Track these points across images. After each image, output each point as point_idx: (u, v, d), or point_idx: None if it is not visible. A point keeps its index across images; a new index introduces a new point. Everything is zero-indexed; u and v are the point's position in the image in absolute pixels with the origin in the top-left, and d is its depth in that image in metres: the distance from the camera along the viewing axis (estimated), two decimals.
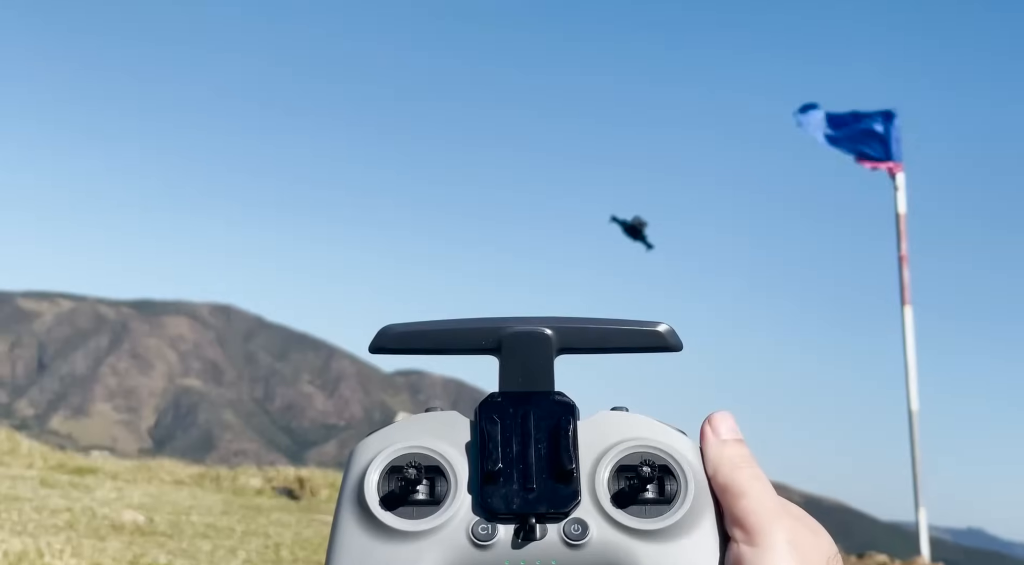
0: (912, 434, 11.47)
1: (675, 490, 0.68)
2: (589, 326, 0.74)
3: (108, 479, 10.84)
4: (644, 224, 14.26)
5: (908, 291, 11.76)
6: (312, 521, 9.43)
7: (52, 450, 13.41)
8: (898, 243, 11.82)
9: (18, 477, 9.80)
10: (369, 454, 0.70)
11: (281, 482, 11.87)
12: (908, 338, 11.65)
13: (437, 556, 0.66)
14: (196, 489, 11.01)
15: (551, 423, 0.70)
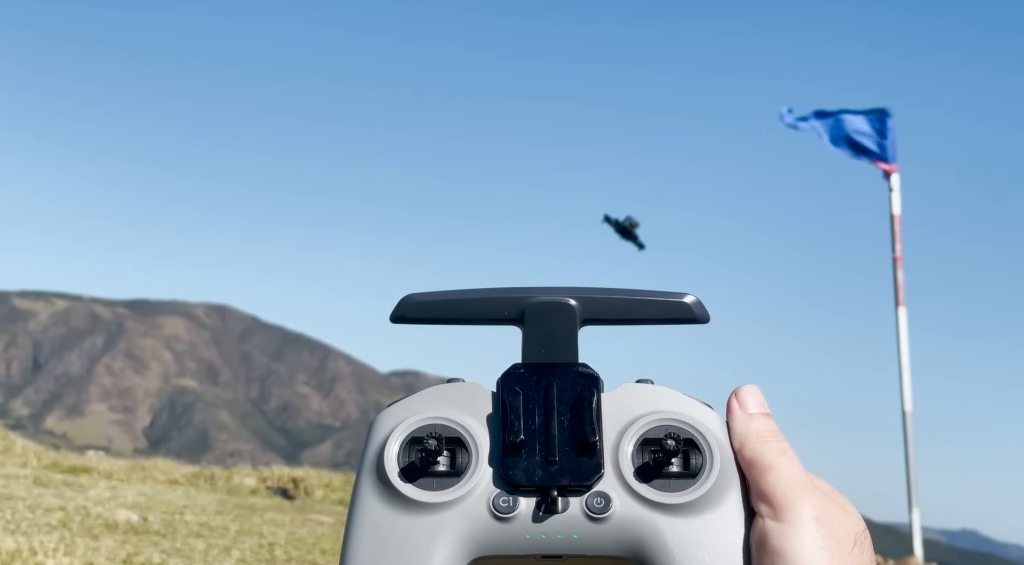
0: (906, 435, 11.47)
1: (700, 464, 0.66)
2: (614, 297, 0.72)
3: (102, 478, 10.83)
4: (636, 224, 14.25)
5: (902, 292, 11.77)
6: (306, 521, 9.43)
7: (46, 450, 13.39)
8: (892, 244, 11.83)
9: (11, 476, 9.79)
10: (389, 425, 0.68)
11: (276, 482, 11.86)
12: (902, 339, 11.65)
13: (457, 528, 0.65)
14: (190, 489, 11.00)
15: (574, 395, 0.68)
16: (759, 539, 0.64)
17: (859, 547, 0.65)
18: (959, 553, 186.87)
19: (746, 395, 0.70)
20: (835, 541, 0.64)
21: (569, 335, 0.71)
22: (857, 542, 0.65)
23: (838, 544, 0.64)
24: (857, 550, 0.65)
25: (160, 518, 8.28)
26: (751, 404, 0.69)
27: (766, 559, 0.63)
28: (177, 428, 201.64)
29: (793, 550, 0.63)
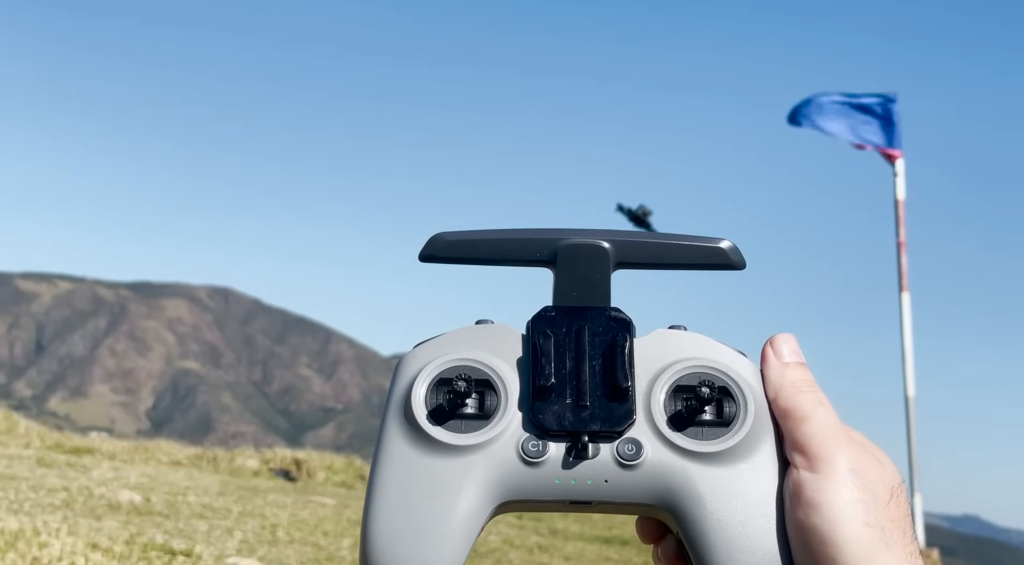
0: (908, 420, 11.48)
1: (734, 412, 0.64)
2: (648, 240, 0.70)
3: (105, 459, 10.84)
4: (648, 213, 14.26)
5: (906, 278, 11.76)
6: (309, 503, 9.45)
7: (49, 430, 13.41)
8: (896, 230, 11.82)
9: (15, 456, 9.81)
10: (417, 365, 0.66)
11: (278, 464, 11.88)
12: (905, 325, 11.65)
13: (485, 471, 0.63)
14: (193, 470, 11.01)
15: (606, 339, 0.66)
16: (793, 490, 0.63)
17: (895, 500, 0.63)
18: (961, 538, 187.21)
19: (781, 344, 0.68)
20: (871, 493, 0.62)
21: (602, 278, 0.69)
22: (893, 495, 0.63)
23: (874, 496, 0.62)
24: (893, 503, 0.63)
25: (163, 499, 8.29)
26: (786, 353, 0.67)
27: (800, 510, 0.62)
28: (180, 410, 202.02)
29: (828, 502, 0.61)
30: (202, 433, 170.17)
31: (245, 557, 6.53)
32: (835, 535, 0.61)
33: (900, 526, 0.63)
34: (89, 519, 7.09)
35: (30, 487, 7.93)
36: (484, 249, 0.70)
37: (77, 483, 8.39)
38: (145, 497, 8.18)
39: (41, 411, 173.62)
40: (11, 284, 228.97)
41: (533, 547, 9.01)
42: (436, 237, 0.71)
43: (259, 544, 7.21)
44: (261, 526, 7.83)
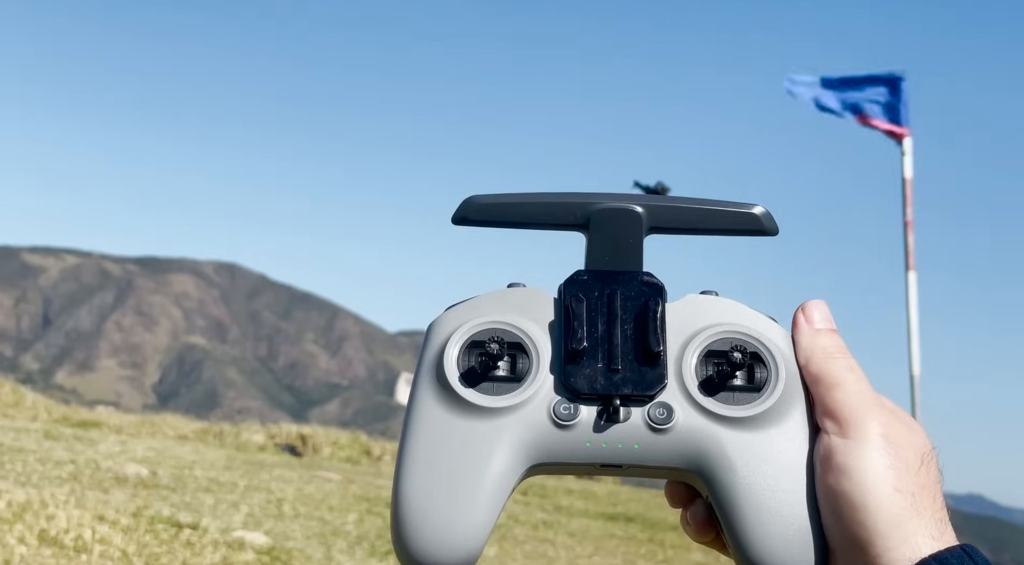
0: (913, 399, 11.48)
1: (765, 378, 0.65)
2: (681, 205, 0.70)
3: (112, 433, 10.88)
4: (667, 189, 14.16)
5: (912, 256, 11.74)
6: (314, 478, 9.48)
7: (56, 404, 13.45)
8: (903, 209, 11.79)
9: (22, 429, 9.84)
10: (449, 328, 0.66)
11: (284, 439, 11.91)
12: (911, 303, 11.63)
13: (517, 433, 0.63)
14: (199, 444, 11.05)
15: (638, 303, 0.66)
16: (824, 455, 0.63)
17: (926, 466, 0.63)
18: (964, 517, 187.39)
19: (813, 310, 0.68)
20: (902, 460, 0.62)
21: (635, 243, 0.69)
22: (924, 461, 0.63)
23: (905, 463, 0.62)
24: (924, 470, 0.63)
25: (169, 473, 8.33)
26: (818, 319, 0.68)
27: (831, 475, 0.62)
28: (186, 385, 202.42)
29: (859, 467, 0.61)
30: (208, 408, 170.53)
31: (251, 531, 6.56)
32: (865, 500, 0.61)
33: (931, 492, 0.63)
34: (96, 492, 7.12)
35: (37, 460, 7.97)
36: (518, 212, 0.70)
37: (84, 456, 8.42)
38: (152, 471, 8.21)
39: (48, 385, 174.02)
40: (18, 258, 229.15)
41: (538, 523, 9.05)
42: (470, 200, 0.71)
43: (265, 518, 7.25)
44: (267, 500, 7.86)
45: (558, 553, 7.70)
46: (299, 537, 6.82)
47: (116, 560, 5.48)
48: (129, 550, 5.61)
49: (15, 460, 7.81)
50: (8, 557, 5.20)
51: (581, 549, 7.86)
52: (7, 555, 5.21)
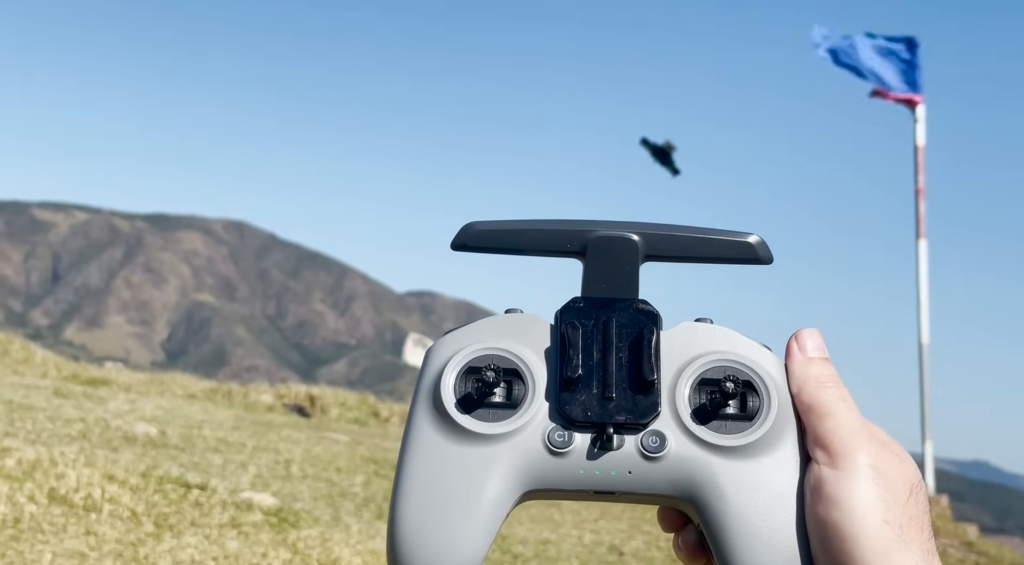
0: (921, 367, 11.49)
1: (757, 407, 0.65)
2: (677, 234, 0.70)
3: (121, 391, 10.92)
4: (673, 149, 13.96)
5: (923, 225, 11.72)
6: (322, 439, 9.53)
7: (66, 360, 13.50)
8: (915, 176, 11.76)
9: (32, 386, 9.89)
10: (446, 354, 0.67)
11: (292, 399, 11.95)
12: (921, 272, 11.63)
13: (512, 460, 0.64)
14: (208, 404, 11.09)
15: (633, 332, 0.67)
16: (814, 485, 0.64)
17: (914, 498, 0.64)
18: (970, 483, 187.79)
19: (806, 338, 0.68)
20: (891, 491, 0.63)
21: (630, 270, 0.69)
22: (912, 493, 0.64)
23: (894, 494, 0.63)
24: (912, 500, 0.64)
25: (178, 432, 8.37)
26: (811, 348, 0.68)
27: (820, 506, 0.63)
28: (194, 342, 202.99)
29: (848, 498, 0.62)
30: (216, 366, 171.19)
31: (259, 492, 6.60)
32: (854, 531, 0.62)
33: (918, 523, 0.63)
34: (105, 451, 7.16)
35: (47, 418, 8.01)
36: (515, 240, 0.71)
37: (94, 415, 8.46)
38: (161, 430, 8.25)
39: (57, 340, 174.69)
40: (28, 213, 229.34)
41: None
42: (469, 226, 0.71)
43: (273, 479, 7.29)
44: (275, 461, 7.90)
45: (564, 517, 7.74)
46: (307, 498, 6.86)
47: (125, 519, 5.52)
48: (138, 510, 5.65)
49: (25, 418, 7.85)
50: (18, 515, 5.24)
51: (587, 514, 7.90)
52: (17, 513, 5.25)
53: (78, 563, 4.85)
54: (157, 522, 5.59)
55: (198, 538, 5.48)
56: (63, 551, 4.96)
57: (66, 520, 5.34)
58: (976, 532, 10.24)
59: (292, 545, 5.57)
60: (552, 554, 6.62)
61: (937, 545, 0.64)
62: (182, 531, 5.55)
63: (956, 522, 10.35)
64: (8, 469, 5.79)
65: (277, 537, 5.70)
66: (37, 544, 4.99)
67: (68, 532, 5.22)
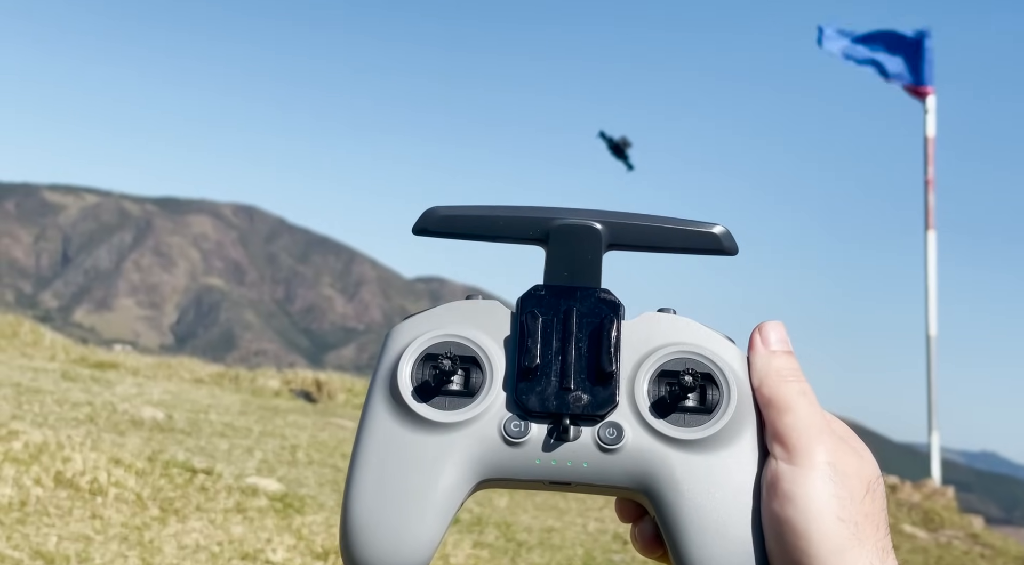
0: (929, 359, 11.48)
1: (717, 400, 0.65)
2: (641, 223, 0.70)
3: (129, 375, 10.95)
4: (629, 144, 14.19)
5: (932, 216, 11.70)
6: (328, 424, 9.54)
7: (74, 343, 13.53)
8: (925, 167, 11.73)
9: (40, 369, 9.92)
10: (404, 340, 0.67)
11: (299, 385, 11.97)
12: (930, 263, 11.60)
13: (467, 449, 0.64)
14: (215, 388, 11.11)
15: (594, 321, 0.66)
16: (771, 481, 0.63)
17: (871, 495, 0.64)
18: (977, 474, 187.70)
19: (769, 331, 0.68)
20: (847, 489, 0.62)
21: (593, 259, 0.69)
22: (870, 490, 0.64)
23: (850, 492, 0.63)
24: (869, 498, 0.63)
25: (185, 417, 8.39)
26: (774, 340, 0.67)
27: (776, 502, 0.63)
28: (203, 326, 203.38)
29: (804, 495, 0.62)
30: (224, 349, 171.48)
31: (264, 477, 6.62)
32: (808, 528, 0.61)
33: (874, 521, 0.63)
34: (112, 435, 7.18)
35: (55, 401, 8.03)
36: (477, 226, 0.70)
37: (101, 398, 8.49)
38: (168, 414, 8.27)
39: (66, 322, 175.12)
40: (38, 195, 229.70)
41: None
42: (430, 211, 0.71)
43: (279, 464, 7.30)
44: (281, 447, 7.91)
45: (569, 505, 7.75)
46: (312, 484, 6.87)
47: (131, 503, 5.54)
48: (144, 494, 5.67)
49: (32, 401, 7.87)
50: (24, 498, 5.26)
51: (592, 502, 7.90)
52: (23, 496, 5.27)
53: (83, 546, 4.87)
54: (162, 506, 5.61)
55: (203, 523, 5.49)
56: (69, 534, 4.98)
57: (72, 503, 5.36)
58: (982, 524, 10.22)
59: (297, 531, 5.59)
60: (556, 542, 6.63)
61: (942, 537, 0.65)
62: (187, 515, 5.57)
63: (962, 513, 10.33)
64: (15, 452, 5.81)
65: (282, 523, 5.71)
66: (43, 527, 5.00)
67: (74, 515, 5.24)
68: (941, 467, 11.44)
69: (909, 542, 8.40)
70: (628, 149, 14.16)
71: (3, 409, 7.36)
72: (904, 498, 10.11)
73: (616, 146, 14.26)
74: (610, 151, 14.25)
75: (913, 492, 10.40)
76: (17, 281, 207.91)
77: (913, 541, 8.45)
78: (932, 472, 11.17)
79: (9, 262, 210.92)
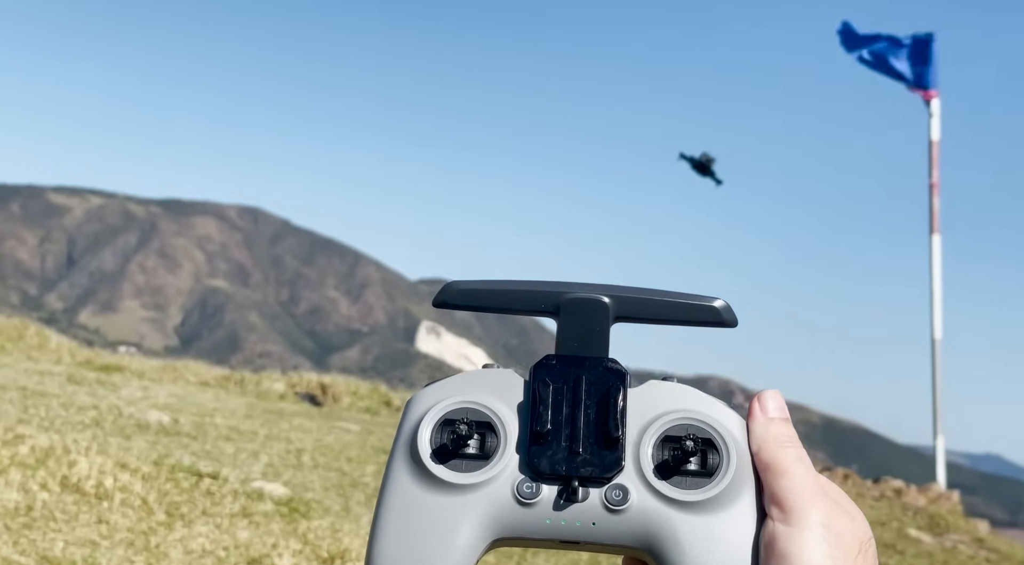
0: (934, 362, 11.48)
1: (717, 463, 0.69)
2: (646, 297, 0.74)
3: (134, 378, 10.96)
4: (712, 160, 14.27)
5: (937, 219, 11.70)
6: (333, 428, 9.54)
7: (80, 346, 13.54)
8: (929, 170, 11.73)
9: (46, 372, 9.93)
10: (424, 406, 0.71)
11: (304, 388, 11.97)
12: (935, 266, 11.60)
13: (482, 510, 0.68)
14: (220, 391, 11.12)
15: (602, 389, 0.71)
16: (768, 541, 0.67)
17: (863, 555, 0.67)
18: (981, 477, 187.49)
19: (768, 399, 0.72)
20: (840, 549, 0.66)
21: (601, 331, 0.73)
22: (862, 550, 0.67)
23: (843, 552, 0.66)
24: (861, 558, 0.67)
25: (191, 420, 8.40)
26: (772, 408, 0.72)
27: (773, 561, 0.66)
28: (208, 328, 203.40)
29: (799, 554, 0.65)
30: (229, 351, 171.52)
31: (270, 481, 6.63)
32: None
33: None
34: (118, 438, 7.20)
35: (61, 404, 8.04)
36: (493, 299, 0.76)
37: (107, 402, 8.50)
38: (173, 418, 8.28)
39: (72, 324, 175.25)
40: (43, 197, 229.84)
41: None
42: (449, 286, 0.76)
43: (284, 468, 7.31)
44: (286, 450, 7.92)
45: None
46: (317, 488, 6.88)
47: (136, 508, 5.55)
48: (150, 498, 5.68)
49: (39, 404, 7.89)
50: (31, 503, 5.27)
51: None
52: (30, 501, 5.29)
53: (90, 552, 4.88)
54: (168, 511, 5.62)
55: (209, 527, 5.50)
56: (75, 539, 4.99)
57: (78, 508, 5.37)
58: (987, 528, 10.22)
59: (302, 535, 5.60)
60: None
61: (948, 541, 0.67)
62: (193, 520, 5.58)
63: (967, 518, 10.32)
64: (21, 456, 5.82)
65: (288, 527, 5.72)
66: (49, 532, 5.02)
67: (80, 520, 5.25)
68: (946, 470, 11.44)
69: (915, 546, 8.40)
70: (712, 165, 14.28)
71: (9, 413, 7.38)
72: (910, 502, 10.10)
73: (700, 165, 14.37)
74: (695, 170, 14.34)
75: (919, 496, 10.40)
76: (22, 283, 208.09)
77: (919, 546, 8.44)
78: (937, 476, 11.17)
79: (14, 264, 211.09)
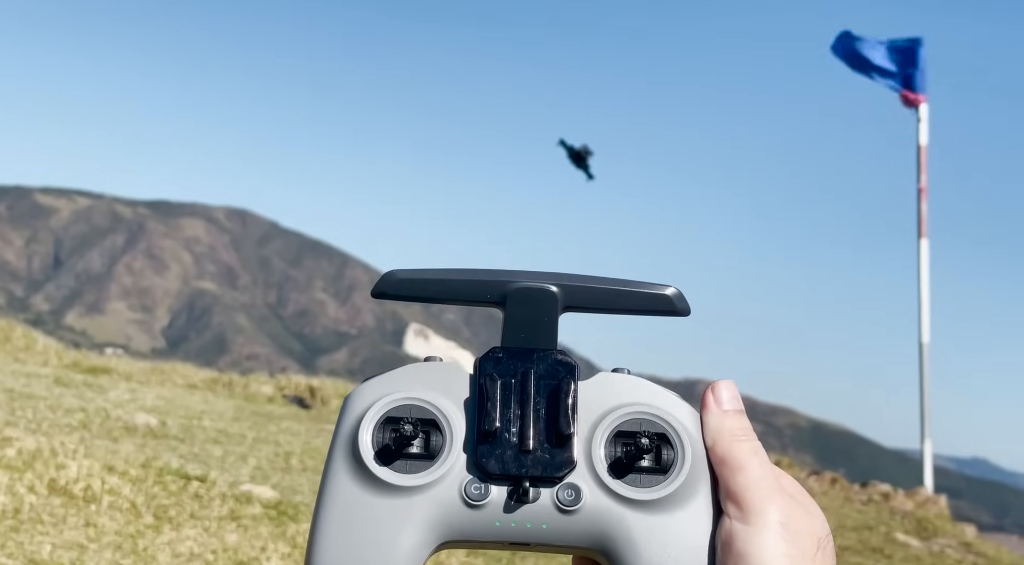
0: (922, 367, 11.50)
1: (672, 460, 0.66)
2: (596, 286, 0.71)
3: (122, 380, 10.93)
4: (590, 153, 14.17)
5: (925, 224, 11.72)
6: (321, 431, 9.53)
7: (66, 348, 13.50)
8: (918, 175, 11.76)
9: (33, 375, 9.90)
10: (364, 403, 0.68)
11: (292, 390, 11.96)
12: (923, 271, 11.63)
13: (428, 513, 0.65)
14: (208, 394, 11.09)
15: (551, 384, 0.67)
16: (724, 540, 0.65)
17: (822, 552, 0.66)
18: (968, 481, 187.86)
19: (721, 390, 0.70)
20: (798, 547, 0.65)
21: (549, 321, 0.70)
22: (820, 547, 0.66)
23: (801, 550, 0.65)
24: (820, 555, 0.66)
25: (178, 423, 8.38)
26: (726, 399, 0.69)
27: (730, 560, 0.65)
28: (195, 329, 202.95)
29: (757, 554, 0.64)
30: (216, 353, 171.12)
31: (258, 484, 6.61)
32: None
33: None
34: (106, 441, 7.17)
35: (48, 407, 8.02)
36: (434, 289, 0.72)
37: (94, 404, 8.47)
38: (161, 420, 8.26)
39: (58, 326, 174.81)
40: (30, 198, 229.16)
41: None
42: (388, 275, 0.72)
43: (272, 471, 7.30)
44: (275, 453, 7.91)
45: None
46: (306, 491, 6.87)
47: (124, 511, 5.53)
48: (138, 501, 5.66)
49: (26, 407, 7.86)
50: (18, 506, 5.25)
51: None
52: (17, 504, 5.26)
53: (77, 555, 4.86)
54: (156, 514, 5.60)
55: (197, 530, 5.49)
56: (62, 542, 4.98)
57: (66, 511, 5.35)
58: (974, 532, 10.24)
59: (291, 539, 5.59)
60: None
61: (935, 546, 0.67)
62: (181, 523, 5.56)
63: (955, 522, 10.34)
64: (8, 459, 5.80)
65: (276, 530, 5.71)
66: (37, 535, 5.00)
67: (68, 523, 5.23)
68: (933, 474, 11.46)
69: (902, 551, 8.41)
70: (589, 158, 14.15)
71: None
72: (897, 506, 10.12)
73: (577, 154, 14.24)
74: (570, 160, 14.24)
75: (906, 500, 10.42)
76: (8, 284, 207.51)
77: (906, 550, 8.45)
78: (925, 480, 11.19)
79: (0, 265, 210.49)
